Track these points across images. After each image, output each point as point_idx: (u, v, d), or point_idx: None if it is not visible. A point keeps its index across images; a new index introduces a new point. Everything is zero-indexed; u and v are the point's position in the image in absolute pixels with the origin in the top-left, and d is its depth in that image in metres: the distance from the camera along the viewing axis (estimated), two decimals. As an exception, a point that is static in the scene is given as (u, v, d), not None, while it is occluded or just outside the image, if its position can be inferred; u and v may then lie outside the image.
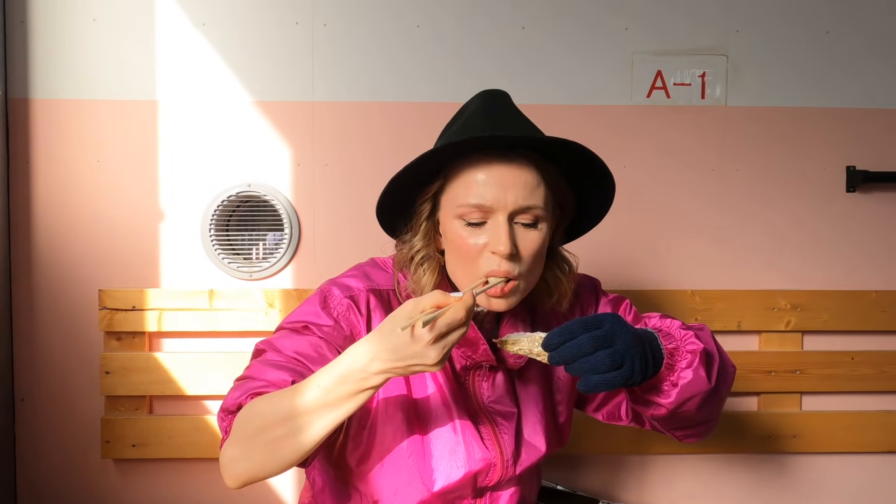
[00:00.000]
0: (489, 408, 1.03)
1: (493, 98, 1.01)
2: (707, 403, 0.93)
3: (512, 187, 0.91)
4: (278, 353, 0.94)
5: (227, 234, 1.64)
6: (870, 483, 1.74)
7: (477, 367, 1.02)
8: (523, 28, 1.65)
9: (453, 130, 0.99)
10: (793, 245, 1.71)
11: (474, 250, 0.93)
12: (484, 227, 0.93)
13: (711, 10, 1.67)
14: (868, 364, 1.69)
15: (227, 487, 1.67)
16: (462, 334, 0.80)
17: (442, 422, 1.01)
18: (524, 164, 0.93)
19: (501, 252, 0.91)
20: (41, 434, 1.63)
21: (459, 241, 0.94)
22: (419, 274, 0.98)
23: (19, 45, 1.59)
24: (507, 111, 1.00)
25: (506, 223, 0.92)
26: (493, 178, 0.92)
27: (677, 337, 0.92)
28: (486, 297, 0.94)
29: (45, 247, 1.61)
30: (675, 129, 1.68)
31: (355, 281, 1.02)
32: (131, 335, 1.60)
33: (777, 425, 1.69)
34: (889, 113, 1.70)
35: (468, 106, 1.02)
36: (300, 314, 0.99)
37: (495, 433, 1.03)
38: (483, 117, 0.97)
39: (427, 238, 0.98)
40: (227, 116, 1.63)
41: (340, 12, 1.63)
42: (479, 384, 1.03)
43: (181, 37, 1.61)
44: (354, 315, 0.98)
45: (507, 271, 0.92)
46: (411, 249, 0.99)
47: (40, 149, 1.60)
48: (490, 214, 0.92)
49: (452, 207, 0.94)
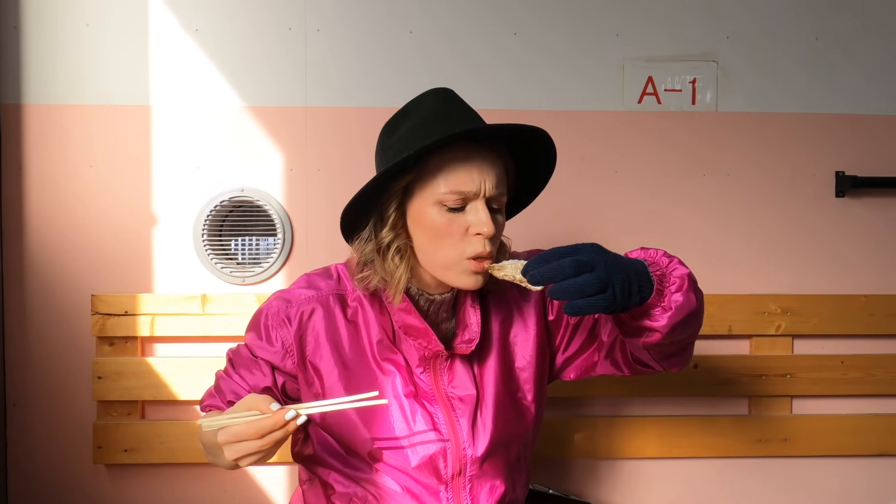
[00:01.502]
0: (448, 393, 1.08)
1: (447, 94, 1.06)
2: (693, 323, 0.98)
3: (489, 173, 0.99)
4: (228, 379, 1.11)
5: (219, 238, 1.64)
6: (860, 486, 1.75)
7: (435, 356, 1.07)
8: (515, 34, 1.67)
9: (412, 129, 1.02)
10: (783, 250, 1.72)
11: (457, 234, 0.99)
12: (464, 212, 0.99)
13: (702, 17, 1.69)
14: (858, 368, 1.70)
15: (219, 492, 1.68)
16: (256, 450, 0.88)
17: (395, 411, 1.07)
18: (494, 154, 1.01)
19: (486, 233, 0.98)
20: (33, 439, 1.62)
21: (441, 227, 0.99)
22: (393, 264, 1.03)
23: (12, 51, 1.59)
24: (466, 106, 1.05)
25: (485, 207, 0.99)
26: (473, 167, 0.99)
27: (663, 264, 0.95)
28: (466, 275, 1.00)
29: (38, 251, 1.61)
30: (666, 135, 1.70)
31: (298, 292, 1.11)
32: (124, 340, 1.60)
33: (768, 429, 1.70)
34: (878, 119, 1.72)
35: (421, 104, 1.05)
36: (248, 336, 1.12)
37: (451, 418, 1.07)
38: (449, 115, 1.02)
39: (396, 229, 1.03)
40: (219, 121, 1.63)
41: (333, 18, 1.64)
42: (440, 371, 1.08)
43: (174, 42, 1.62)
44: (285, 329, 1.09)
45: (490, 252, 1.00)
46: (380, 242, 1.03)
47: (33, 154, 1.61)
48: (469, 200, 0.99)
49: (431, 197, 0.99)
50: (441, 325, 1.10)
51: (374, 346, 1.08)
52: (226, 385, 1.10)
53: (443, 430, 1.07)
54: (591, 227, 1.69)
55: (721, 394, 1.70)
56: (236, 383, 1.09)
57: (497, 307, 1.14)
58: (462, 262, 0.99)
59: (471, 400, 1.08)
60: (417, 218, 1.01)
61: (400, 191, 1.01)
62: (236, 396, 1.07)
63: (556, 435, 1.67)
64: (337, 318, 1.09)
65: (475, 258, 0.99)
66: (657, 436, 1.69)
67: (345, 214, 1.04)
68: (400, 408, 1.07)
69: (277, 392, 1.10)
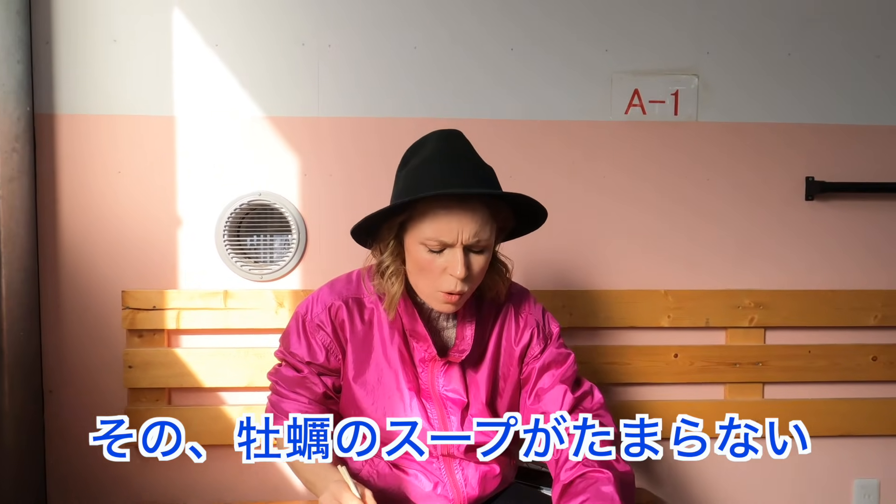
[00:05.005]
0: (442, 394, 1.24)
1: (448, 140, 1.18)
2: None
3: (467, 226, 1.11)
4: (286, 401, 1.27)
5: (238, 239, 1.77)
6: (825, 464, 1.92)
7: (433, 359, 1.23)
8: (512, 49, 1.79)
9: (415, 168, 1.14)
10: (757, 249, 1.86)
11: (436, 271, 1.14)
12: (443, 254, 1.13)
13: (684, 34, 1.82)
14: (823, 357, 1.86)
15: (239, 471, 1.81)
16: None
17: (397, 400, 1.23)
18: (477, 206, 1.12)
19: (458, 275, 1.12)
20: (68, 423, 1.76)
21: (423, 263, 1.14)
22: (390, 283, 1.19)
23: (45, 65, 1.71)
24: (464, 154, 1.16)
25: (461, 253, 1.12)
26: (452, 219, 1.11)
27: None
28: (440, 303, 1.16)
29: (71, 251, 1.74)
30: (651, 143, 1.83)
31: (326, 297, 1.26)
32: (152, 332, 1.73)
33: (741, 412, 1.84)
34: (845, 128, 1.86)
35: (425, 143, 1.18)
36: (286, 341, 1.28)
37: (443, 415, 1.24)
38: (442, 163, 1.13)
39: (394, 255, 1.19)
40: (238, 130, 1.76)
41: (343, 34, 1.76)
42: (436, 374, 1.24)
43: (196, 57, 1.74)
44: (322, 332, 1.24)
45: (460, 290, 1.14)
46: (381, 265, 1.20)
47: (65, 161, 1.73)
48: (448, 246, 1.12)
49: (417, 237, 1.13)
50: (443, 332, 1.26)
51: (386, 344, 1.24)
52: (288, 406, 1.24)
53: (435, 424, 1.23)
54: (581, 229, 1.83)
55: (699, 380, 1.85)
56: (295, 401, 1.25)
57: (496, 322, 1.28)
58: (437, 293, 1.15)
59: (461, 403, 1.24)
60: (409, 250, 1.17)
61: (397, 225, 1.16)
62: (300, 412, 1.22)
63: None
64: (355, 318, 1.24)
65: (447, 293, 1.14)
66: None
67: (353, 235, 1.20)
68: (401, 398, 1.23)
69: (330, 390, 1.26)
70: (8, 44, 1.62)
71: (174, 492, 1.78)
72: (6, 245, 1.62)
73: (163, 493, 1.78)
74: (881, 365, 1.87)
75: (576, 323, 1.81)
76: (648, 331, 1.84)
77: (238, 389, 1.76)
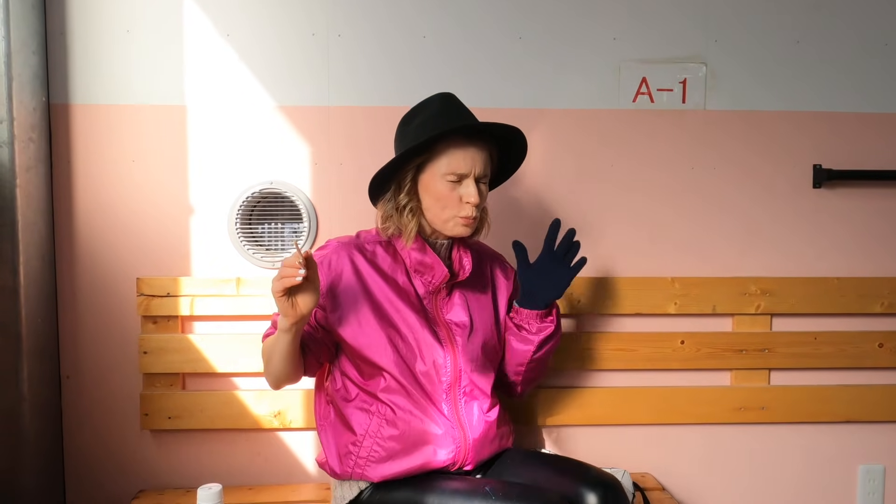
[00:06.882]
0: (447, 320, 1.46)
1: (450, 98, 1.44)
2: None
3: (478, 162, 1.39)
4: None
5: (250, 227, 1.80)
6: (830, 449, 1.93)
7: (437, 290, 1.45)
8: (520, 38, 1.80)
9: (425, 121, 1.38)
10: (764, 236, 1.88)
11: (454, 200, 1.39)
12: (460, 185, 1.38)
13: (692, 22, 1.83)
14: (829, 343, 1.87)
15: (252, 454, 1.85)
16: (290, 276, 1.22)
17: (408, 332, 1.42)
18: (483, 145, 1.40)
19: (473, 202, 1.38)
20: (85, 408, 1.80)
21: (443, 194, 1.38)
22: (407, 218, 1.41)
23: (60, 55, 1.73)
24: (463, 106, 1.43)
25: (474, 183, 1.39)
26: (467, 154, 1.38)
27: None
28: (459, 227, 1.40)
29: (87, 239, 1.77)
30: (659, 131, 1.84)
31: (348, 238, 1.50)
32: (166, 319, 1.77)
33: (747, 398, 1.88)
34: (853, 116, 1.86)
35: (429, 104, 1.43)
36: None
37: (450, 337, 1.45)
38: (450, 113, 1.40)
39: (410, 194, 1.41)
40: (250, 120, 1.78)
41: (353, 24, 1.78)
42: (440, 302, 1.47)
43: (208, 46, 1.76)
44: (337, 258, 1.44)
45: (475, 215, 1.40)
46: (398, 203, 1.41)
47: (80, 150, 1.76)
48: (463, 178, 1.38)
49: (437, 172, 1.38)
50: (444, 262, 1.47)
51: (391, 280, 1.43)
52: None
53: (444, 344, 1.43)
54: (588, 216, 1.85)
55: (705, 366, 1.87)
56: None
57: (485, 259, 1.57)
58: (456, 219, 1.40)
59: (465, 325, 1.46)
60: (426, 187, 1.40)
61: (415, 167, 1.39)
62: None
63: (564, 401, 1.84)
64: (359, 261, 1.44)
65: (464, 217, 1.39)
66: (646, 404, 1.86)
67: (374, 180, 1.42)
68: (410, 327, 1.42)
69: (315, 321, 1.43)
70: (23, 35, 1.65)
71: (188, 475, 1.82)
72: (24, 233, 1.65)
73: (177, 477, 1.82)
74: (887, 351, 1.88)
75: (583, 309, 1.83)
76: (655, 317, 1.86)
77: (250, 375, 1.79)
